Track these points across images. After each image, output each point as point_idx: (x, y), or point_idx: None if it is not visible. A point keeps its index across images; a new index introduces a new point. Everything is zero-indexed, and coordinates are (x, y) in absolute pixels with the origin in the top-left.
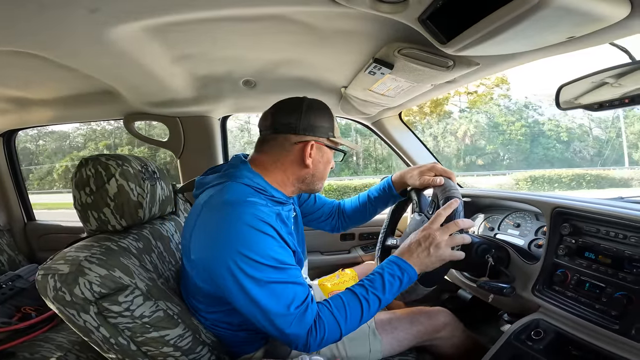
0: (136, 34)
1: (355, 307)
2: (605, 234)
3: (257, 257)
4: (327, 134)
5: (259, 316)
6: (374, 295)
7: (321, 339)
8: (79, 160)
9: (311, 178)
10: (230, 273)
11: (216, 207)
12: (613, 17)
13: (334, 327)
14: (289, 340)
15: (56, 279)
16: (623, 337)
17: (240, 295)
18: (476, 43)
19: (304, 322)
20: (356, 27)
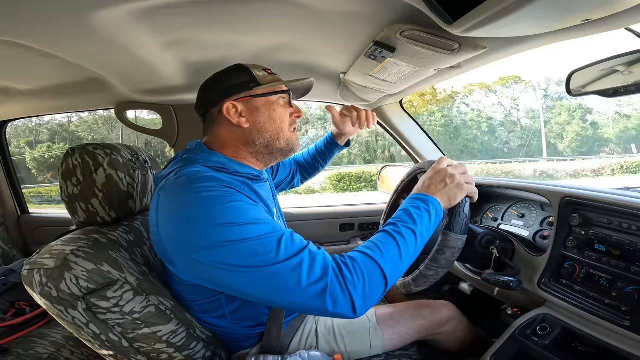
0: (122, 19)
1: (389, 243)
2: (617, 225)
3: (227, 220)
4: (248, 86)
5: (270, 295)
6: (407, 229)
7: (363, 286)
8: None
9: (260, 136)
10: (214, 258)
11: (175, 188)
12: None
13: (374, 268)
14: (326, 304)
15: (42, 274)
16: (633, 334)
17: (237, 277)
18: (484, 23)
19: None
20: (356, 8)
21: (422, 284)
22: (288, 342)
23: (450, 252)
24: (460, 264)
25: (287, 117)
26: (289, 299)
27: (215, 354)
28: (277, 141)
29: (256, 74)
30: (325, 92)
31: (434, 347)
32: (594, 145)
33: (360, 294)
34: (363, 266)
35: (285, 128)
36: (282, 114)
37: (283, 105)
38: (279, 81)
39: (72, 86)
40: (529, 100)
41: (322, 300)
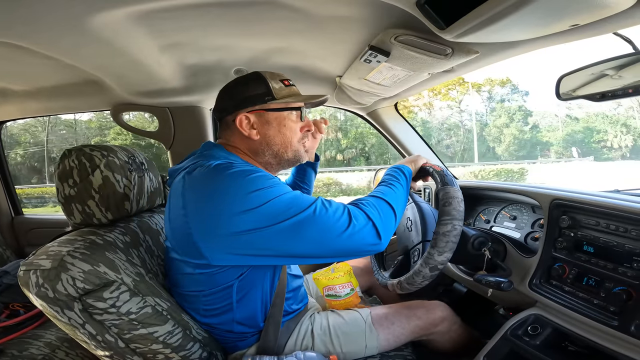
0: (120, 21)
1: (383, 190)
2: (605, 227)
3: (260, 186)
4: (263, 99)
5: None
6: (392, 183)
7: (379, 214)
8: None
9: (268, 148)
10: (253, 224)
11: (200, 176)
12: (619, 5)
13: (381, 202)
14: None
15: (38, 274)
16: (622, 334)
17: (275, 235)
18: (476, 29)
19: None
20: (352, 13)
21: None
22: (284, 342)
23: (455, 201)
24: (453, 266)
25: (298, 131)
26: (321, 239)
27: (212, 354)
28: (285, 153)
29: (272, 86)
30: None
31: (429, 347)
32: (533, 149)
33: (379, 219)
34: (373, 201)
35: (294, 141)
36: (293, 128)
37: (294, 120)
38: (294, 96)
39: (68, 87)
40: (474, 103)
41: (351, 232)
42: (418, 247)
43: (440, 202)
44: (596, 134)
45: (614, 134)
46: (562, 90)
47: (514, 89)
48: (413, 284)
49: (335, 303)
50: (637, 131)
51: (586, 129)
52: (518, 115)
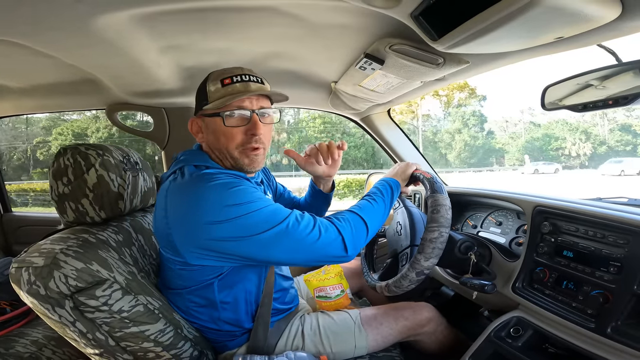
0: (122, 23)
1: (365, 204)
2: (584, 232)
3: (236, 201)
4: (201, 104)
5: (276, 253)
6: (377, 196)
7: (351, 229)
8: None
9: (212, 151)
10: (226, 233)
11: (183, 183)
12: (603, 18)
13: (356, 217)
14: (325, 249)
15: (30, 272)
16: (598, 336)
17: (246, 246)
18: (467, 41)
19: (317, 220)
20: (348, 22)
21: (430, 255)
22: (274, 342)
23: (443, 209)
24: (441, 269)
25: (237, 135)
26: (290, 253)
27: (202, 353)
28: (225, 159)
29: (209, 89)
30: (316, 100)
31: (416, 348)
32: (487, 156)
33: (350, 234)
34: (348, 216)
35: (230, 147)
36: (227, 133)
37: (231, 123)
38: (230, 95)
39: (65, 86)
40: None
41: (320, 244)
42: (406, 251)
43: (429, 209)
44: (554, 141)
45: (572, 141)
46: (547, 100)
47: (471, 94)
48: (400, 287)
49: (325, 304)
50: (597, 139)
51: (545, 136)
52: (472, 120)
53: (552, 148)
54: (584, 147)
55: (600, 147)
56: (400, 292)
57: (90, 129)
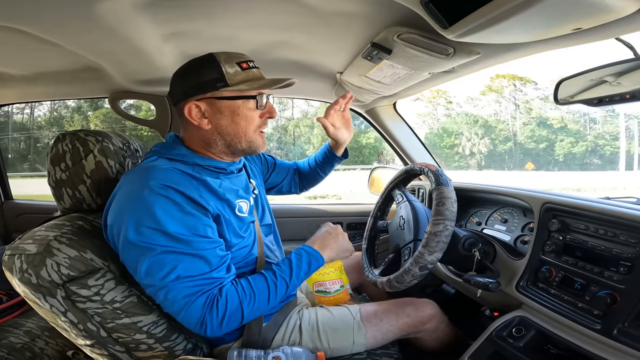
0: (125, 10)
1: (262, 290)
2: (594, 231)
3: (150, 223)
4: (215, 86)
5: (144, 282)
6: (282, 279)
7: (220, 321)
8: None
9: (220, 138)
10: (124, 235)
11: (126, 177)
12: (623, 11)
13: (236, 310)
14: (181, 318)
15: (22, 259)
16: (604, 337)
17: (128, 258)
18: (478, 29)
19: (192, 298)
20: (355, 10)
21: (434, 249)
22: (271, 337)
23: (449, 202)
24: (443, 266)
25: (255, 119)
26: (162, 302)
27: (197, 346)
28: (239, 143)
29: (226, 71)
30: (321, 90)
31: (416, 345)
32: (359, 153)
33: (217, 323)
34: (229, 305)
35: (249, 131)
36: (248, 117)
37: (251, 107)
38: (252, 80)
39: (67, 73)
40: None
41: (184, 314)
42: (409, 245)
43: (433, 201)
44: (447, 137)
45: (467, 136)
46: (560, 95)
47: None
48: (402, 282)
49: (324, 299)
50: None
51: (443, 131)
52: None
53: (446, 145)
54: (480, 143)
55: (503, 145)
56: (402, 287)
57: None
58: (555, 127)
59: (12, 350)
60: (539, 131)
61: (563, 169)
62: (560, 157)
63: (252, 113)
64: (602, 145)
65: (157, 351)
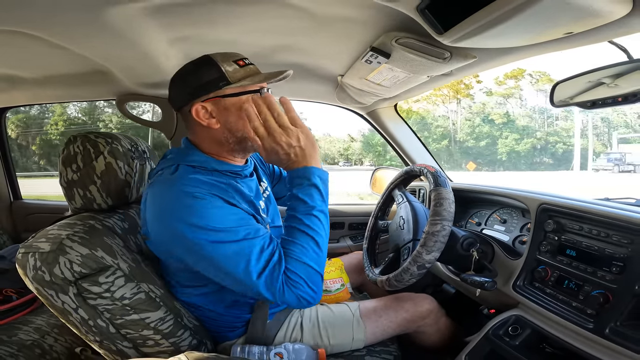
0: (134, 15)
1: (303, 238)
2: (588, 231)
3: (201, 222)
4: (217, 85)
5: (228, 281)
6: (308, 216)
7: (307, 285)
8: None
9: (231, 135)
10: (183, 243)
11: (157, 184)
12: (613, 14)
13: (303, 268)
14: (269, 299)
15: (36, 257)
16: (596, 337)
17: (203, 263)
18: (473, 34)
19: (274, 275)
20: (355, 15)
21: (431, 248)
22: (274, 334)
23: (446, 202)
24: (442, 265)
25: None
26: (245, 292)
27: (202, 342)
28: (248, 140)
29: (226, 69)
30: (322, 93)
31: (414, 341)
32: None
33: (310, 291)
34: (300, 271)
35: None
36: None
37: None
38: (252, 76)
39: (76, 76)
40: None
41: (276, 297)
42: (408, 245)
43: (431, 202)
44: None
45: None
46: (556, 97)
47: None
48: (401, 281)
49: (325, 298)
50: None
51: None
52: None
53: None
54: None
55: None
56: (401, 286)
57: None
58: (498, 123)
59: (22, 347)
60: (480, 128)
61: (509, 168)
62: (503, 155)
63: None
64: (553, 143)
65: (163, 347)
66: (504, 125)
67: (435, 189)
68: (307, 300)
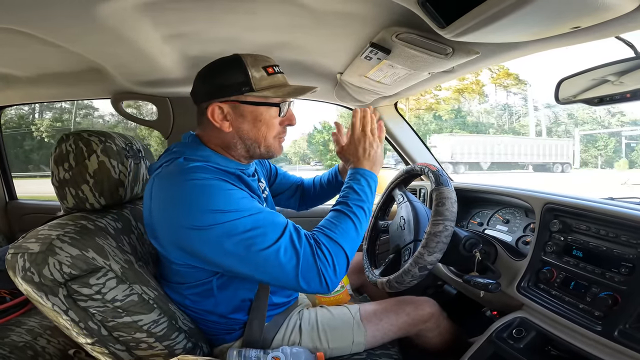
0: (128, 11)
1: (347, 223)
2: (595, 232)
3: (219, 207)
4: (240, 89)
5: (256, 273)
6: (357, 206)
7: (333, 267)
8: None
9: (241, 142)
10: (202, 236)
11: (165, 173)
12: (621, 9)
13: (337, 249)
14: (301, 284)
15: (25, 258)
16: (605, 339)
17: (223, 257)
18: (475, 28)
19: (303, 251)
20: (354, 10)
21: (433, 249)
22: (271, 337)
23: (449, 202)
24: (444, 267)
25: (277, 125)
26: (271, 278)
27: (197, 346)
28: (258, 147)
29: (252, 75)
30: (321, 91)
31: (416, 345)
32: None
33: (331, 272)
34: (330, 248)
35: (269, 137)
36: (270, 124)
37: (274, 114)
38: (277, 87)
39: (70, 75)
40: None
41: (298, 279)
42: (410, 246)
43: (433, 202)
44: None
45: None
46: (561, 94)
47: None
48: (402, 283)
49: (324, 299)
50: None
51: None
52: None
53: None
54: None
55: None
56: (402, 288)
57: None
58: (445, 119)
59: (14, 349)
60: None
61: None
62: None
63: (274, 120)
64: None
65: (157, 350)
66: (453, 122)
67: (437, 188)
68: (326, 279)
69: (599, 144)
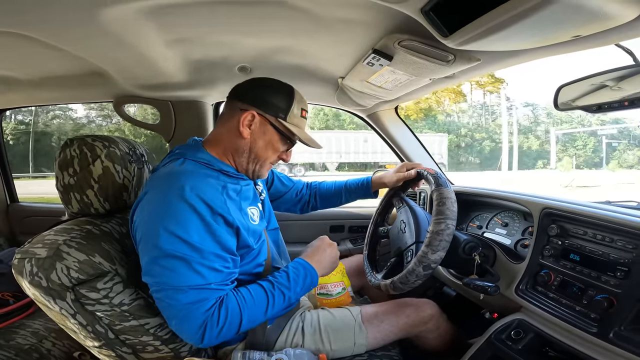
0: (130, 16)
1: (261, 302)
2: (592, 236)
3: (175, 228)
4: (277, 113)
5: (151, 280)
6: (279, 291)
7: (219, 330)
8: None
9: (249, 152)
10: (148, 235)
11: (157, 178)
12: (622, 18)
13: (236, 319)
14: (176, 324)
15: (33, 263)
16: (600, 341)
17: (143, 254)
18: (478, 37)
19: (194, 305)
20: (357, 17)
21: (437, 247)
22: (274, 339)
23: (449, 202)
24: (444, 269)
25: (276, 155)
26: (165, 312)
27: (201, 349)
28: (256, 164)
29: (293, 108)
30: (323, 95)
31: (416, 346)
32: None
33: (215, 333)
34: (230, 314)
35: (267, 161)
36: (274, 151)
37: (281, 146)
38: (298, 128)
39: (73, 78)
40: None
41: (182, 320)
42: (412, 247)
43: (434, 202)
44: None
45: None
46: (560, 100)
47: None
48: (407, 283)
49: (326, 301)
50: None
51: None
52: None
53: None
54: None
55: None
56: (406, 288)
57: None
58: (414, 119)
59: (19, 352)
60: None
61: (297, 173)
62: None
63: (280, 150)
64: (480, 140)
65: (163, 353)
66: (422, 122)
67: (437, 189)
68: (201, 334)
69: (578, 144)
